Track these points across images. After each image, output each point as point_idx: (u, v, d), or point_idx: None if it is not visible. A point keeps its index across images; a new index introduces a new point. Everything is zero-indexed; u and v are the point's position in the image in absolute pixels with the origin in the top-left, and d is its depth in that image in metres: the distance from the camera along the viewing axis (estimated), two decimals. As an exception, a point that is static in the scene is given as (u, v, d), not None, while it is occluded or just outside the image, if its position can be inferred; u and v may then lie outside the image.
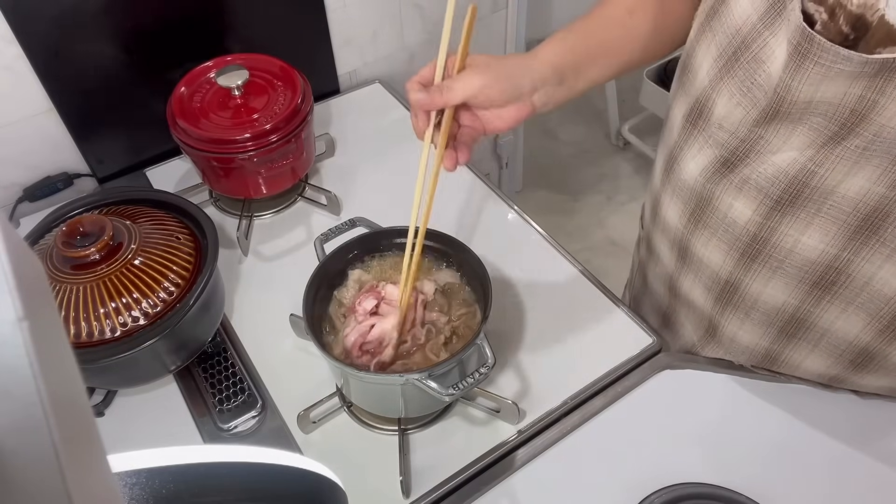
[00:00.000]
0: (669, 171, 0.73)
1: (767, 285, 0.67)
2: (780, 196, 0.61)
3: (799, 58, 0.52)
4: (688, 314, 0.80)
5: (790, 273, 0.64)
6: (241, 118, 0.92)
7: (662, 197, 0.76)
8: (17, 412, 0.17)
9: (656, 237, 0.81)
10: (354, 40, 1.22)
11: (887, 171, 0.54)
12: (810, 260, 0.62)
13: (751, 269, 0.67)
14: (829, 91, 0.53)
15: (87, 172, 1.08)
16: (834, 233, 0.59)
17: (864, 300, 0.62)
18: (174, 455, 0.28)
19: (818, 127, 0.55)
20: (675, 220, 0.74)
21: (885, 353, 0.65)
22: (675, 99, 0.71)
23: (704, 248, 0.71)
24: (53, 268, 0.73)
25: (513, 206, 1.00)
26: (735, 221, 0.66)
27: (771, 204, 0.62)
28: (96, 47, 0.97)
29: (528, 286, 0.89)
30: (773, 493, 0.67)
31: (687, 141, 0.68)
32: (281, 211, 1.02)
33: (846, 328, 0.65)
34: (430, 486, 0.72)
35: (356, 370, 0.68)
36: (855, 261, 0.60)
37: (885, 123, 0.51)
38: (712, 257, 0.71)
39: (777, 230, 0.63)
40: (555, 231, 0.98)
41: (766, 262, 0.65)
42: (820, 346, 0.69)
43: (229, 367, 0.82)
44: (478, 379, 0.66)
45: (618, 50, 0.67)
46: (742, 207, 0.65)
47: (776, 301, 0.68)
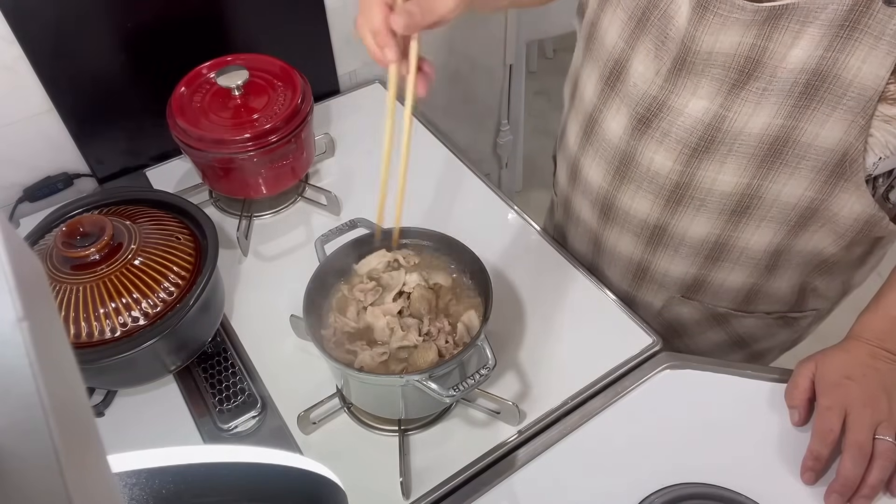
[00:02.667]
0: (589, 134, 0.78)
1: (693, 222, 0.74)
2: (696, 144, 0.68)
3: (701, 10, 0.60)
4: (613, 264, 0.87)
5: (711, 207, 0.72)
6: (241, 118, 0.92)
7: (582, 160, 0.82)
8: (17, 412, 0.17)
9: (576, 199, 0.87)
10: (354, 40, 1.22)
11: (783, 104, 0.62)
12: (727, 193, 0.70)
13: (676, 211, 0.74)
14: (726, 41, 0.60)
15: (87, 172, 1.08)
16: (745, 165, 0.67)
17: (775, 213, 0.70)
18: (174, 455, 0.28)
19: (719, 77, 0.63)
20: (599, 179, 0.79)
21: (790, 246, 0.74)
22: (583, 68, 0.77)
23: (631, 201, 0.77)
24: (53, 268, 0.73)
25: (513, 206, 1.00)
26: (658, 172, 0.73)
27: (689, 152, 0.69)
28: (96, 47, 0.97)
29: (528, 286, 0.89)
30: (773, 494, 0.67)
31: (605, 103, 0.74)
32: (281, 211, 1.02)
33: (762, 240, 0.73)
34: (430, 486, 0.72)
35: (356, 371, 0.68)
36: (764, 184, 0.68)
37: (777, 65, 0.59)
38: (639, 207, 0.77)
39: (696, 174, 0.70)
40: (555, 231, 0.98)
41: (690, 203, 0.73)
42: (741, 262, 0.77)
43: (229, 367, 0.82)
44: (478, 380, 0.66)
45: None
46: (663, 159, 0.71)
47: (702, 233, 0.75)
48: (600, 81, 0.73)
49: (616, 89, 0.71)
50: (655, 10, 0.64)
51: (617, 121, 0.72)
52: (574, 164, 0.83)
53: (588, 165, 0.80)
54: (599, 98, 0.74)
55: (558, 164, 0.93)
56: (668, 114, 0.68)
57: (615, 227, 0.82)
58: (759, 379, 0.77)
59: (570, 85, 0.84)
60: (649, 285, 0.85)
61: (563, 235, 0.96)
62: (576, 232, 0.91)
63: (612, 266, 0.88)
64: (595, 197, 0.82)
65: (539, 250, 0.94)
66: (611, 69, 0.71)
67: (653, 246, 0.79)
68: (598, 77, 0.73)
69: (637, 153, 0.72)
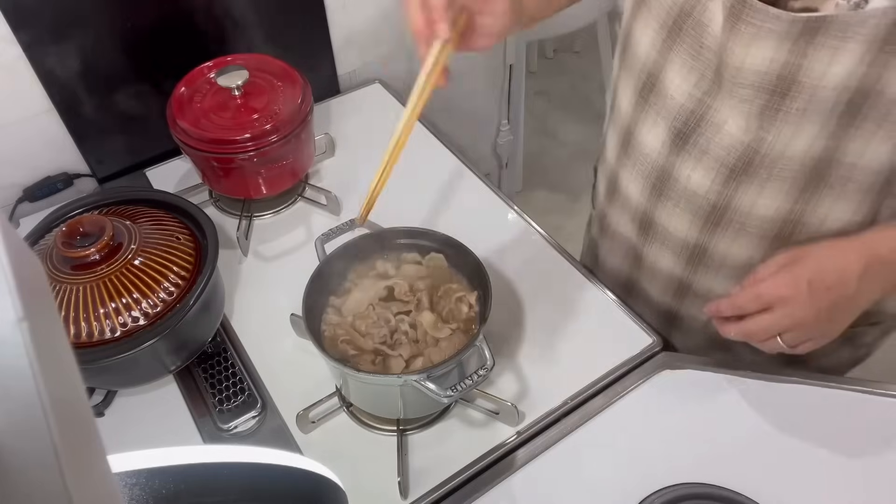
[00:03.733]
0: (626, 147, 0.75)
1: (733, 245, 0.71)
2: (734, 164, 0.64)
3: (733, 19, 0.56)
4: (653, 280, 0.83)
5: (752, 231, 0.68)
6: (241, 118, 0.92)
7: (621, 174, 0.79)
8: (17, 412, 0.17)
9: (614, 214, 0.84)
10: (354, 40, 1.22)
11: (825, 124, 0.58)
12: (769, 217, 0.66)
13: (715, 232, 0.71)
14: (757, 56, 0.57)
15: (87, 172, 1.08)
16: (787, 190, 0.63)
17: (823, 238, 0.66)
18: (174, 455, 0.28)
19: (749, 97, 0.59)
20: (637, 194, 0.76)
21: None
22: (619, 80, 0.74)
23: (669, 219, 0.74)
24: (53, 268, 0.73)
25: (513, 206, 1.00)
26: (695, 192, 0.69)
27: (727, 172, 0.65)
28: (96, 47, 0.97)
29: (528, 286, 0.89)
30: (774, 494, 0.67)
31: (640, 116, 0.71)
32: (281, 211, 1.02)
33: None
34: (429, 487, 0.72)
35: (355, 371, 0.68)
36: (808, 209, 0.64)
37: (816, 83, 0.56)
38: (678, 226, 0.74)
39: (735, 196, 0.67)
40: (555, 231, 0.98)
41: (729, 226, 0.69)
42: None
43: (229, 367, 0.82)
44: (476, 381, 0.66)
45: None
46: (700, 178, 0.68)
47: (743, 256, 0.71)
48: (635, 93, 0.70)
49: (651, 101, 0.68)
50: (688, 19, 0.61)
51: (654, 134, 0.69)
52: (613, 178, 0.80)
53: (626, 179, 0.76)
54: (635, 110, 0.71)
55: (598, 176, 0.89)
56: (706, 129, 0.64)
57: (655, 244, 0.78)
58: (760, 379, 0.77)
59: (609, 95, 0.81)
60: (693, 301, 0.81)
61: (596, 251, 0.91)
62: (611, 246, 0.87)
63: (653, 282, 0.84)
64: (634, 212, 0.78)
65: (539, 250, 0.94)
66: (644, 81, 0.68)
67: (693, 265, 0.75)
68: (633, 89, 0.70)
69: (674, 169, 0.69)
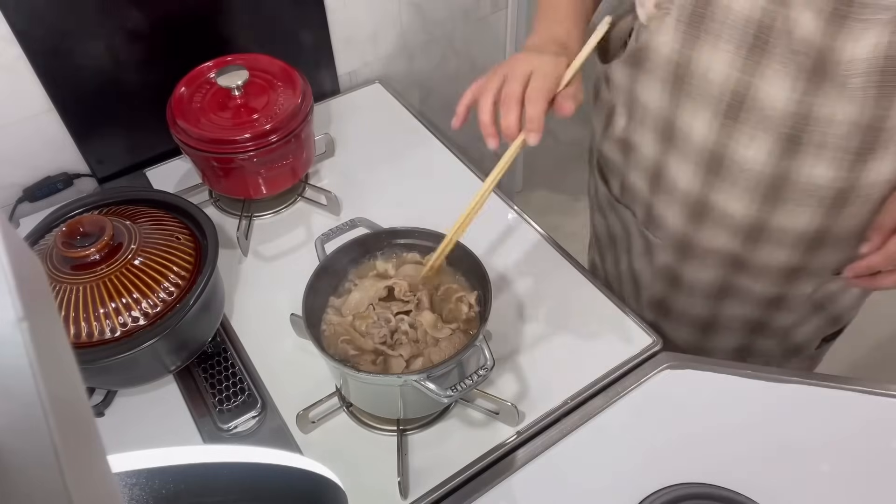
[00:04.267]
0: (718, 167, 0.75)
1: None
2: (857, 149, 0.67)
3: (839, 19, 0.58)
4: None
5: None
6: (241, 118, 0.92)
7: (712, 196, 0.78)
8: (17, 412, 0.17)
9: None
10: (354, 40, 1.23)
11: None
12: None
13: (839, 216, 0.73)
14: (866, 46, 0.59)
15: (87, 172, 1.08)
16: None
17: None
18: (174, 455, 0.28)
19: (860, 84, 0.62)
20: (741, 209, 0.76)
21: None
22: (679, 108, 0.73)
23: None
24: (53, 268, 0.73)
25: (513, 206, 1.00)
26: (819, 184, 0.70)
27: (851, 159, 0.68)
28: (96, 47, 0.97)
29: (528, 286, 0.89)
30: (774, 493, 0.67)
31: (732, 135, 0.71)
32: (281, 211, 1.02)
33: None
34: (429, 487, 0.72)
35: (355, 371, 0.68)
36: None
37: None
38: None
39: (860, 179, 0.69)
40: (555, 231, 0.98)
41: (854, 204, 0.71)
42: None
43: (229, 367, 0.82)
44: (476, 381, 0.66)
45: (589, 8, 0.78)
46: (823, 171, 0.69)
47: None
48: (718, 116, 0.70)
49: (742, 118, 0.68)
50: (772, 31, 0.62)
51: (754, 148, 0.70)
52: (698, 203, 0.79)
53: (725, 202, 0.76)
54: (721, 133, 0.71)
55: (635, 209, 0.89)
56: (817, 126, 0.65)
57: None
58: (760, 379, 0.77)
59: (649, 130, 0.79)
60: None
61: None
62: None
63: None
64: (737, 228, 0.78)
65: (539, 250, 0.94)
66: (729, 101, 0.68)
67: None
68: (711, 113, 0.70)
69: (792, 172, 0.70)
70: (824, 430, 0.73)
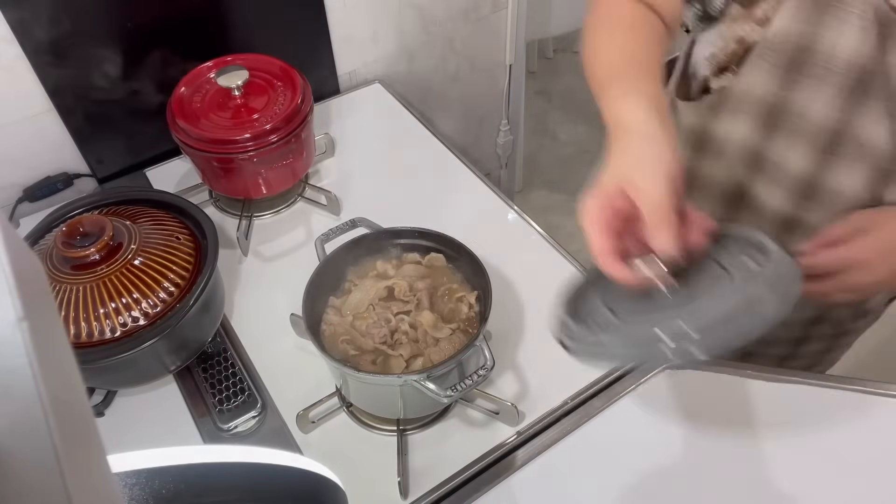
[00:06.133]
0: (811, 196, 0.74)
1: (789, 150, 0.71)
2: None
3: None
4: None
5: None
6: (241, 118, 0.92)
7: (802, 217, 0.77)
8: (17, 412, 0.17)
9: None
10: (354, 40, 1.23)
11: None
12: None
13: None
14: None
15: (87, 172, 1.08)
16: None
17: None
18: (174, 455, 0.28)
19: None
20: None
21: None
22: (770, 141, 0.72)
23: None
24: (53, 268, 0.73)
25: (513, 207, 1.00)
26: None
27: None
28: (96, 47, 0.97)
29: (528, 286, 0.89)
30: (774, 493, 0.67)
31: (828, 169, 0.71)
32: (281, 211, 1.02)
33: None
34: (429, 487, 0.72)
35: (355, 371, 0.68)
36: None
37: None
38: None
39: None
40: (555, 231, 0.98)
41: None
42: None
43: (229, 367, 0.82)
44: (476, 381, 0.66)
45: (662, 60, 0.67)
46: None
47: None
48: (815, 151, 0.70)
49: (841, 154, 0.69)
50: (875, 78, 0.62)
51: (851, 179, 0.70)
52: (788, 221, 0.78)
53: (817, 223, 0.75)
54: (818, 164, 0.71)
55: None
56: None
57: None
58: (760, 379, 0.77)
59: (727, 160, 0.78)
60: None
61: None
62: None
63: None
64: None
65: (539, 250, 0.94)
66: (828, 140, 0.69)
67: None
68: (809, 147, 0.70)
69: (885, 199, 0.71)
70: (824, 430, 0.73)
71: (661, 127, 0.55)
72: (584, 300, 0.60)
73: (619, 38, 0.67)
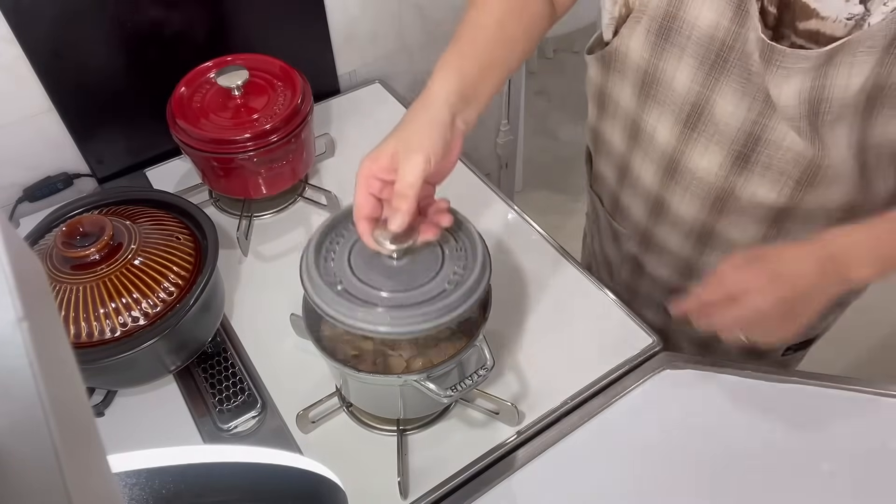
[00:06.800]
0: (673, 173, 0.77)
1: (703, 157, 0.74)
2: (799, 177, 0.68)
3: (765, 62, 0.61)
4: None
5: (819, 227, 0.72)
6: (241, 118, 0.92)
7: (669, 199, 0.80)
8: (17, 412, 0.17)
9: (661, 233, 0.85)
10: (354, 40, 1.23)
11: (857, 125, 0.63)
12: (833, 208, 0.71)
13: (778, 237, 0.75)
14: (791, 90, 0.61)
15: (87, 172, 1.08)
16: (845, 188, 0.69)
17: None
18: (174, 455, 0.28)
19: (795, 117, 0.63)
20: (693, 212, 0.78)
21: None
22: (645, 111, 0.75)
23: (730, 230, 0.77)
24: (53, 268, 0.73)
25: (513, 206, 1.00)
26: (761, 203, 0.73)
27: (792, 184, 0.69)
28: (96, 47, 0.97)
29: (528, 286, 0.89)
30: (774, 493, 0.67)
31: (689, 144, 0.73)
32: (281, 211, 1.02)
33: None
34: (428, 487, 0.72)
35: (355, 371, 0.68)
36: (867, 198, 0.70)
37: (841, 96, 0.60)
38: (740, 238, 0.78)
39: (801, 203, 0.71)
40: (555, 231, 0.98)
41: (794, 225, 0.74)
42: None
43: (229, 367, 0.82)
44: (476, 381, 0.66)
45: (501, 63, 0.68)
46: (766, 191, 0.71)
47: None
48: (678, 123, 0.72)
49: (699, 129, 0.71)
50: (732, 52, 0.64)
51: (708, 159, 0.72)
52: (658, 203, 0.82)
53: (677, 203, 0.79)
54: (680, 139, 0.73)
55: (616, 200, 0.91)
56: (765, 147, 0.67)
57: (714, 254, 0.81)
58: (759, 379, 0.77)
59: (618, 126, 0.82)
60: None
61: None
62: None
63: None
64: (689, 231, 0.81)
65: (539, 250, 0.94)
66: (689, 112, 0.70)
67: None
68: (673, 120, 0.73)
69: (737, 188, 0.72)
70: (824, 430, 0.73)
71: (445, 110, 0.61)
72: (341, 234, 0.69)
73: (482, 3, 0.69)
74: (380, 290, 0.63)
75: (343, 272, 0.65)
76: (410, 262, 0.65)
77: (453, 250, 0.68)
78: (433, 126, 0.61)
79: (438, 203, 0.66)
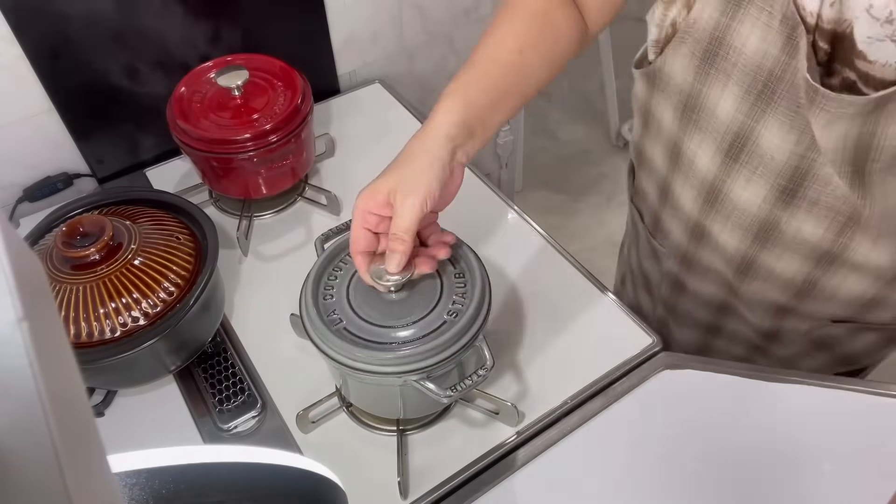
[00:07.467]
0: (714, 202, 0.75)
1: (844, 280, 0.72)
2: (848, 214, 0.65)
3: (809, 103, 0.57)
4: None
5: (867, 271, 0.70)
6: (241, 118, 0.92)
7: (710, 227, 0.78)
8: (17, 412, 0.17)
9: (703, 260, 0.83)
10: (354, 40, 1.23)
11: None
12: (883, 266, 0.69)
13: (828, 270, 0.72)
14: (833, 134, 0.57)
15: (87, 172, 1.08)
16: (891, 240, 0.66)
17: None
18: (174, 455, 0.28)
19: (839, 161, 0.60)
20: (735, 244, 0.76)
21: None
22: (686, 135, 0.73)
23: (776, 263, 0.74)
24: (53, 268, 0.73)
25: (513, 206, 1.00)
26: (806, 240, 0.70)
27: (843, 220, 0.66)
28: (96, 47, 0.97)
29: (528, 286, 0.89)
30: (774, 493, 0.67)
31: (731, 174, 0.70)
32: (281, 211, 1.02)
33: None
34: (429, 487, 0.72)
35: (355, 371, 0.68)
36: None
37: (892, 143, 0.56)
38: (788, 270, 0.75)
39: (840, 241, 0.68)
40: (555, 231, 0.98)
41: (842, 266, 0.71)
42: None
43: (229, 367, 0.82)
44: (476, 381, 0.66)
45: (515, 91, 0.66)
46: (813, 227, 0.68)
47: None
48: (720, 153, 0.69)
49: (742, 161, 0.68)
50: (781, 83, 0.60)
51: (750, 191, 0.69)
52: (697, 230, 0.80)
53: (719, 232, 0.76)
54: (721, 168, 0.70)
55: (662, 226, 0.88)
56: (813, 183, 0.64)
57: (755, 282, 0.79)
58: (759, 379, 0.77)
59: (660, 145, 0.79)
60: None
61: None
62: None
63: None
64: (729, 260, 0.78)
65: (539, 250, 0.94)
66: (731, 142, 0.67)
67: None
68: (715, 148, 0.70)
69: (782, 223, 0.70)
70: (824, 431, 0.73)
71: (445, 147, 0.60)
72: (339, 267, 0.71)
73: (503, 29, 0.67)
74: (379, 326, 0.65)
75: (342, 309, 0.67)
76: (409, 294, 0.67)
77: (451, 276, 0.70)
78: (432, 166, 0.60)
79: (444, 236, 0.67)
